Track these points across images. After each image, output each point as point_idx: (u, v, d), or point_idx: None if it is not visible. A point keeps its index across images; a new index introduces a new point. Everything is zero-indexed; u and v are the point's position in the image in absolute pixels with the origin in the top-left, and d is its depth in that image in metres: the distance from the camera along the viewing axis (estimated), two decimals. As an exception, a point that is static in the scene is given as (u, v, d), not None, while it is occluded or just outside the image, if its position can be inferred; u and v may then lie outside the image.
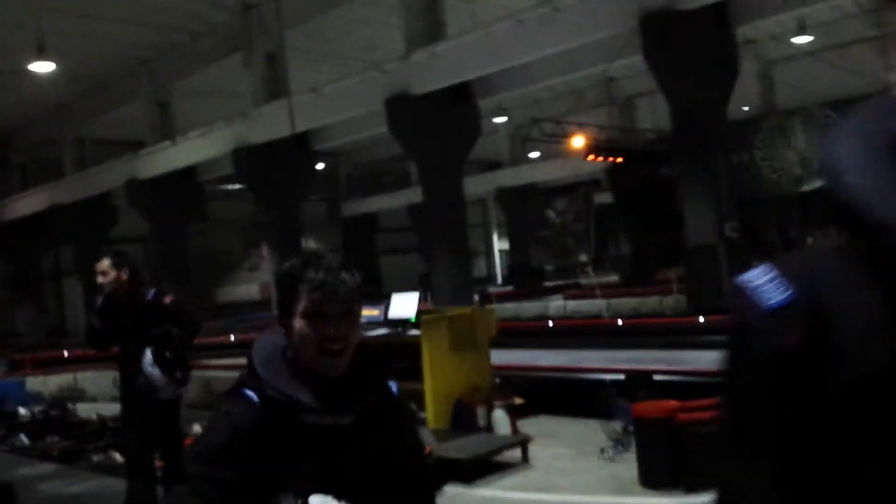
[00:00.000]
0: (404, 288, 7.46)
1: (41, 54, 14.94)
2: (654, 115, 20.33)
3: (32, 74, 16.39)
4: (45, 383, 11.46)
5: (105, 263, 4.60)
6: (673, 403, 4.93)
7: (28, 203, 25.00)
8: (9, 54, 17.16)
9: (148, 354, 4.46)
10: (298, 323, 1.45)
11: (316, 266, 1.47)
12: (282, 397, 1.44)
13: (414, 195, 24.97)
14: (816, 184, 19.31)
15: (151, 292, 4.65)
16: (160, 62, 20.16)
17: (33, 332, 25.49)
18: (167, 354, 4.51)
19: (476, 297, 17.38)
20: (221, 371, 10.59)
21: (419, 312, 6.53)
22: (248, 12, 17.49)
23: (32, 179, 25.78)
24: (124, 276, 4.59)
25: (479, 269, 35.49)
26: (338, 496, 1.41)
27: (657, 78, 11.98)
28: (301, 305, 1.45)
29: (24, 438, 7.53)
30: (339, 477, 1.45)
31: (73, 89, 21.43)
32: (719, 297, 11.47)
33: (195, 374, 10.56)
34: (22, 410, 9.32)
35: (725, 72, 12.06)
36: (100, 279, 4.59)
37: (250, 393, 1.45)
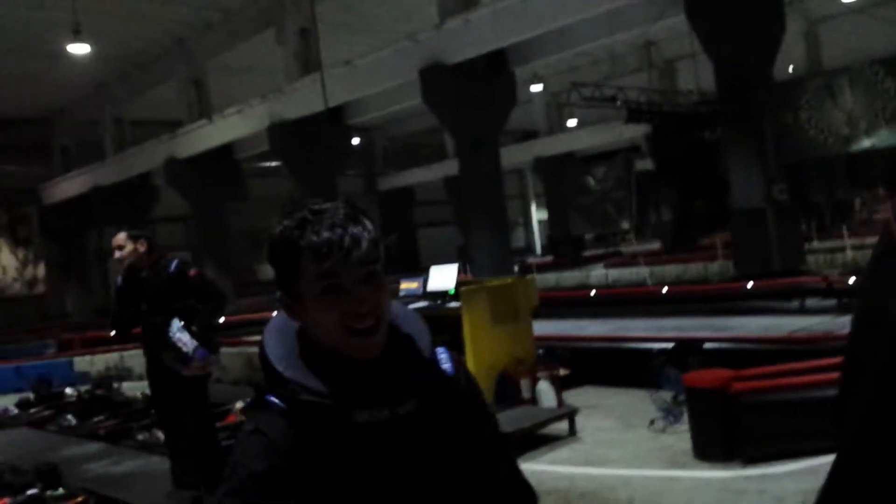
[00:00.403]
0: (443, 260, 7.31)
1: (77, 36, 14.98)
2: (696, 78, 19.79)
3: (69, 57, 16.47)
4: (92, 363, 11.62)
5: (120, 237, 4.44)
6: (726, 372, 4.74)
7: (71, 185, 25.39)
8: (45, 37, 17.28)
9: (175, 322, 4.25)
10: (312, 303, 1.11)
11: (316, 224, 1.11)
12: (319, 398, 1.10)
13: (450, 167, 24.79)
14: (864, 144, 18.72)
15: (174, 263, 4.44)
16: (195, 40, 20.16)
17: (81, 312, 26.03)
18: (193, 329, 4.28)
19: (515, 268, 17.20)
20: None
21: (458, 284, 6.41)
22: (280, -13, 17.37)
23: (75, 162, 26.15)
24: (141, 249, 4.41)
25: (518, 239, 35.24)
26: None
27: (700, 38, 11.60)
28: (308, 282, 1.11)
29: (71, 418, 7.60)
30: (410, 481, 1.15)
31: (111, 70, 21.58)
32: (768, 262, 11.17)
33: (237, 350, 10.66)
34: (69, 390, 9.44)
35: (771, 30, 11.63)
36: (116, 254, 4.41)
37: (276, 401, 1.13)
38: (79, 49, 15.85)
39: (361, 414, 1.11)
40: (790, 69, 20.93)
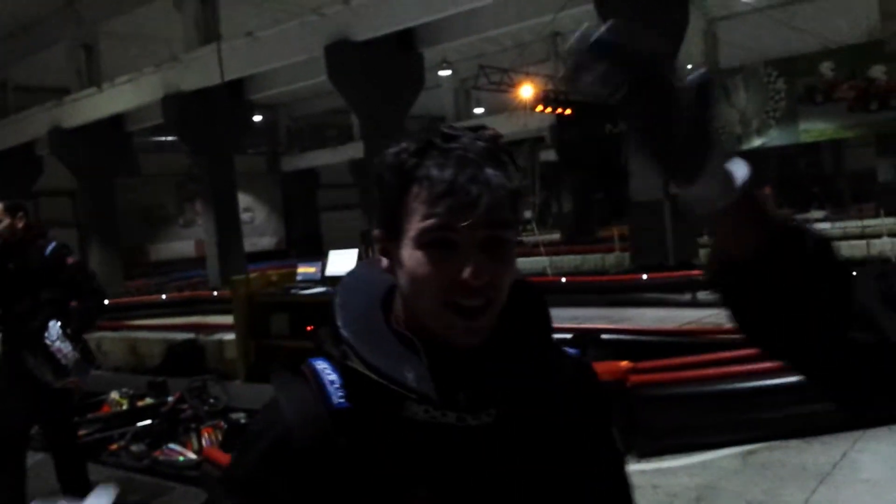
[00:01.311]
0: (347, 245, 7.06)
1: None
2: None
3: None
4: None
5: None
6: (624, 364, 4.69)
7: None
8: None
9: (55, 326, 3.72)
10: (410, 254, 0.85)
11: (442, 153, 0.84)
12: (375, 376, 0.85)
13: (356, 150, 24.36)
14: (755, 143, 19.47)
15: (50, 246, 3.95)
16: (86, 3, 18.97)
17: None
18: (67, 331, 3.76)
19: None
20: (149, 332, 10.06)
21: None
22: (178, -51, 16.53)
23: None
24: (20, 224, 3.96)
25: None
26: None
27: (605, 30, 11.65)
28: (415, 224, 0.84)
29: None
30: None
31: (-8, 31, 20.10)
32: (663, 254, 11.40)
33: (121, 334, 10.04)
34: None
35: (676, 24, 11.82)
36: None
37: (323, 366, 0.88)
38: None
39: (419, 410, 0.85)
40: (689, 67, 21.52)
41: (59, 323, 3.75)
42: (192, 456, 4.77)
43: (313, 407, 0.86)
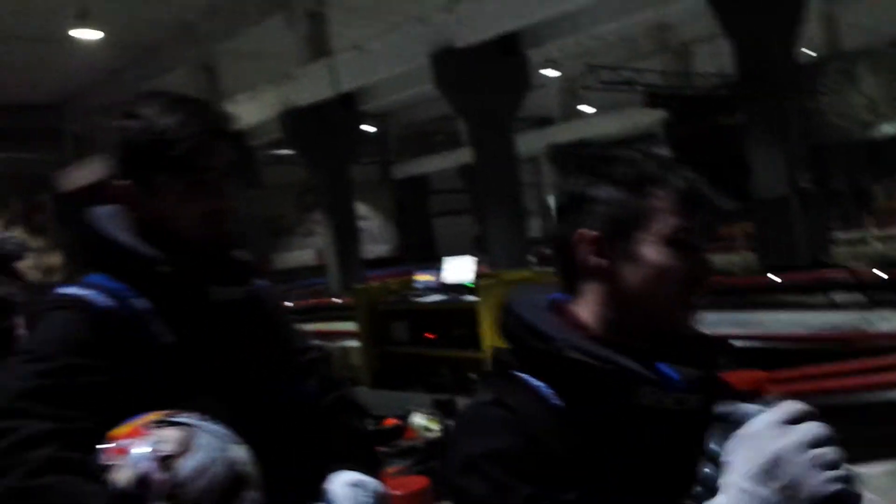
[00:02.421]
0: (459, 250, 7.11)
1: (84, 20, 14.78)
2: (715, 61, 19.37)
3: (79, 42, 16.29)
4: None
5: None
6: (761, 374, 4.45)
7: (87, 172, 25.27)
8: (54, 22, 17.10)
9: None
10: (656, 251, 0.93)
11: (672, 168, 0.97)
12: (603, 365, 0.91)
13: (465, 155, 24.47)
14: (886, 130, 18.27)
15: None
16: (203, 25, 19.92)
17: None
18: None
19: (534, 259, 16.93)
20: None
21: (475, 276, 6.19)
22: (289, -32, 17.10)
23: (88, 149, 26.05)
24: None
25: (534, 229, 34.96)
26: None
27: (719, 18, 11.20)
28: (663, 224, 0.93)
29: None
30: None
31: (122, 57, 21.41)
32: (793, 254, 10.83)
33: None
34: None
35: (793, 9, 11.23)
36: None
37: (526, 375, 0.94)
38: (86, 34, 15.66)
39: (647, 394, 0.91)
40: (809, 52, 20.45)
41: None
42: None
43: (536, 404, 0.91)
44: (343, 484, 1.06)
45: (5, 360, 2.71)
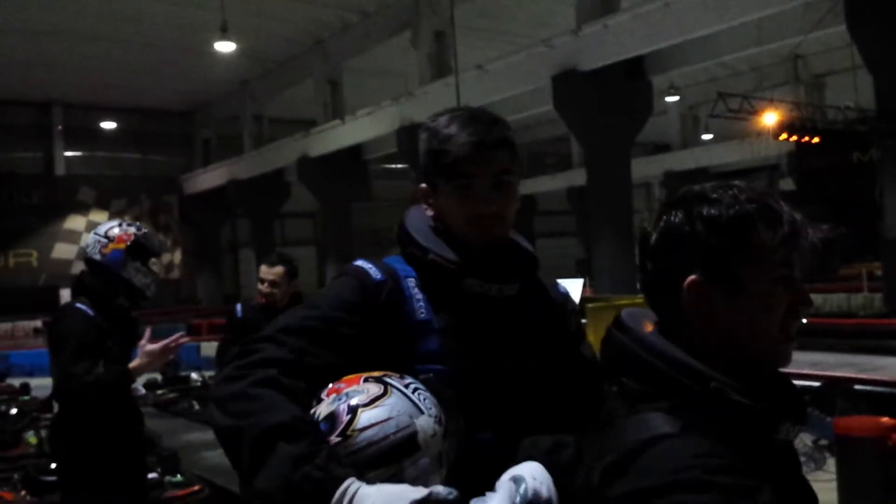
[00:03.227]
0: (562, 273, 7.06)
1: (224, 34, 15.63)
2: (846, 95, 18.52)
3: (215, 54, 17.25)
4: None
5: (278, 271, 3.63)
6: (887, 421, 4.24)
7: (210, 177, 26.67)
8: (195, 34, 18.19)
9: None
10: (758, 290, 0.95)
11: (778, 211, 0.97)
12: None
13: (574, 178, 24.23)
14: None
15: None
16: (333, 42, 20.69)
17: (212, 299, 27.27)
18: None
19: (638, 285, 16.61)
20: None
21: (583, 300, 6.14)
22: (418, -10, 17.54)
23: (214, 155, 27.47)
24: (295, 290, 3.68)
25: (642, 255, 34.27)
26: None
27: (860, 50, 10.74)
28: (764, 260, 0.95)
29: (194, 403, 7.82)
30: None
31: (253, 68, 22.51)
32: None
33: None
34: (195, 375, 9.76)
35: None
36: (265, 289, 3.60)
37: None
38: (224, 47, 16.54)
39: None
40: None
41: None
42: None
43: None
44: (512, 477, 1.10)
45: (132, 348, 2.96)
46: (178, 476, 4.82)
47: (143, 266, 3.09)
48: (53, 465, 3.72)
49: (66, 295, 26.87)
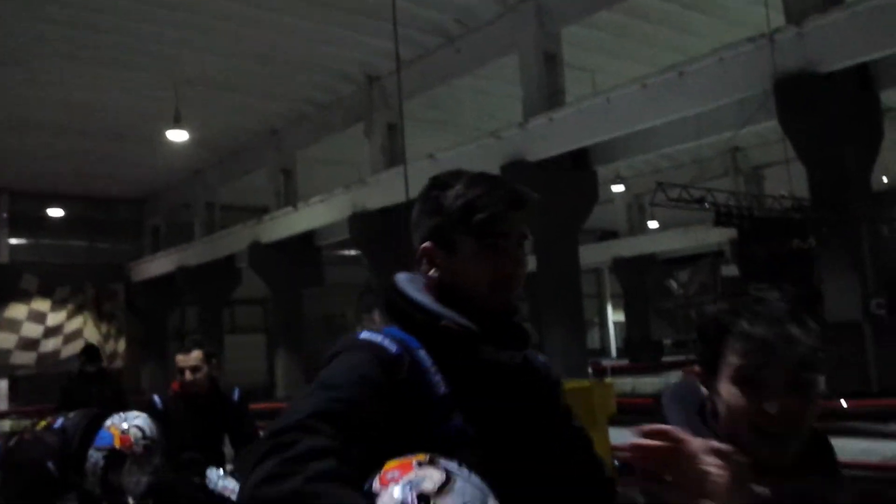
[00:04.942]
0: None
1: (177, 123, 15.76)
2: (783, 185, 19.37)
3: (168, 142, 17.33)
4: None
5: (195, 356, 3.58)
6: None
7: (158, 265, 26.31)
8: (147, 122, 18.28)
9: (213, 471, 3.32)
10: (725, 388, 1.15)
11: (752, 315, 1.13)
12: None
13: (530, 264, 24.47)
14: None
15: (236, 392, 3.66)
16: (287, 131, 20.99)
17: (156, 388, 26.41)
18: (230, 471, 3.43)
19: (589, 370, 16.68)
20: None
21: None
22: (372, 84, 17.99)
23: (165, 242, 27.19)
24: (216, 373, 3.66)
25: (592, 340, 34.51)
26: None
27: (794, 144, 11.30)
28: (729, 367, 1.14)
29: None
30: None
31: (206, 157, 22.61)
32: (864, 379, 10.45)
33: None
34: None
35: (869, 136, 11.27)
36: (188, 377, 3.53)
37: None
38: (177, 136, 16.65)
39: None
40: (885, 180, 20.24)
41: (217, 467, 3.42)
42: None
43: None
44: None
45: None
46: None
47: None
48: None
49: (3, 386, 25.69)
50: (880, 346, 10.65)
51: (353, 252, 24.73)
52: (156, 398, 3.71)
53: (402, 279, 1.38)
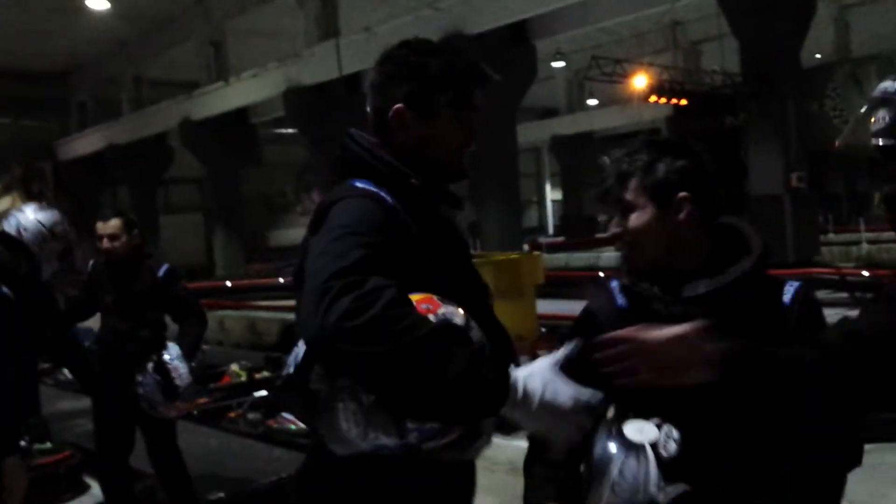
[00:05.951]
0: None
1: (94, -10, 14.85)
2: (721, 61, 19.47)
3: (89, 12, 16.36)
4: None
5: (114, 224, 3.59)
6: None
7: (87, 143, 25.39)
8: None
9: (175, 347, 3.48)
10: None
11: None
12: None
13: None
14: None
15: (163, 268, 3.68)
16: (215, 1, 19.96)
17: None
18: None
19: (525, 247, 17.06)
20: (267, 312, 10.57)
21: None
22: (303, -52, 17.13)
23: (92, 119, 26.12)
24: (136, 241, 3.65)
25: (531, 218, 35.03)
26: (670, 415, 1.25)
27: (727, 16, 11.30)
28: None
29: (66, 373, 7.54)
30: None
31: (131, 29, 21.45)
32: (783, 250, 10.96)
33: (241, 313, 10.59)
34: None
35: (800, 13, 11.32)
36: (105, 244, 3.57)
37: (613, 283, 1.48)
38: (98, 4, 15.72)
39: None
40: (818, 56, 20.49)
41: (177, 344, 3.56)
42: (303, 425, 4.98)
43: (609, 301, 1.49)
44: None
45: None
46: (48, 444, 4.67)
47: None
48: None
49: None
50: (798, 218, 11.12)
51: (291, 130, 24.21)
52: (90, 262, 3.86)
53: (361, 137, 1.43)
